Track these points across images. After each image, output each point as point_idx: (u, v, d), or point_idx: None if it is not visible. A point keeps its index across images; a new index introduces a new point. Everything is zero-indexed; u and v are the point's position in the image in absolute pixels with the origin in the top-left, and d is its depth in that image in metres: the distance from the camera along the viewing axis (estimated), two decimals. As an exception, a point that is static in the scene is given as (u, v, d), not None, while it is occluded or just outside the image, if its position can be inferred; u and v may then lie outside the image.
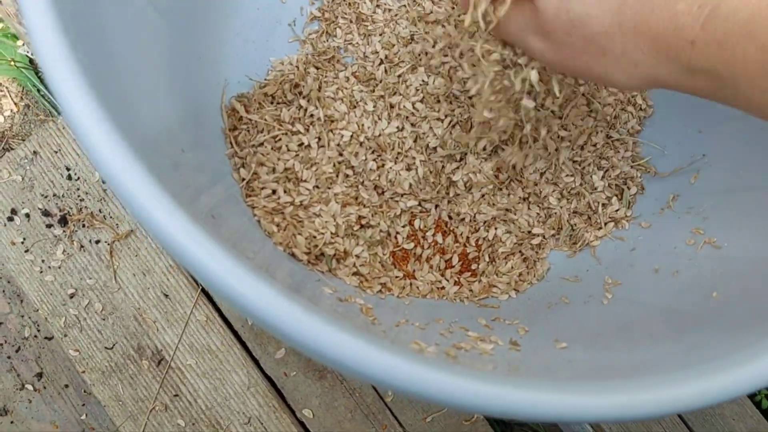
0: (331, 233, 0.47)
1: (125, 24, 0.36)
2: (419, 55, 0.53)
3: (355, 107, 0.52)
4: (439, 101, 0.52)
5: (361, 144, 0.50)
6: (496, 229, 0.51)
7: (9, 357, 0.61)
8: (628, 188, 0.53)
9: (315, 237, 0.46)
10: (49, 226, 0.61)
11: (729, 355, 0.28)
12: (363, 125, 0.51)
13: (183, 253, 0.22)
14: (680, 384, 0.26)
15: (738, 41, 0.26)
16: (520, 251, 0.51)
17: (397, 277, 0.49)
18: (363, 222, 0.49)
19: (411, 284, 0.49)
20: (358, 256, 0.48)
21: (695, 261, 0.43)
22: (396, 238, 0.51)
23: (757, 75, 0.26)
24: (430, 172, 0.51)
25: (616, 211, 0.52)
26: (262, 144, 0.49)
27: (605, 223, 0.52)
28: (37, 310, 0.61)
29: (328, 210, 0.48)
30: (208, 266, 0.23)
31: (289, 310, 0.21)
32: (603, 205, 0.52)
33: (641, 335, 0.39)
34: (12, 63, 0.63)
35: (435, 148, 0.51)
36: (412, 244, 0.51)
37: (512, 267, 0.51)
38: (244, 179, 0.46)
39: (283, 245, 0.44)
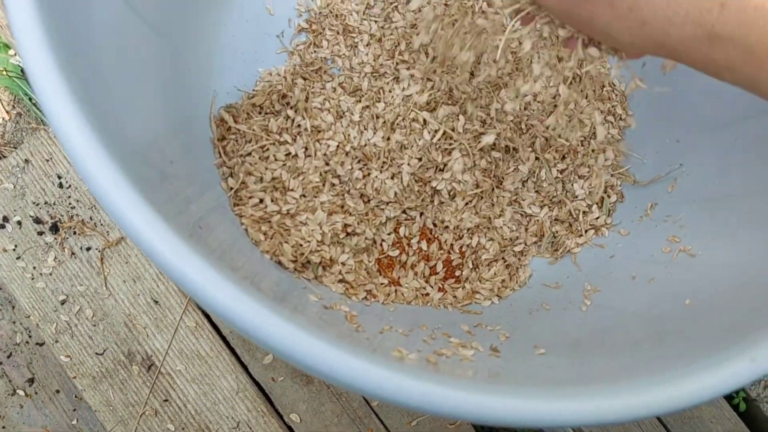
0: (318, 241, 0.48)
1: (115, 38, 0.36)
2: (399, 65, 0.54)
3: (341, 117, 0.53)
4: (424, 110, 0.53)
5: (347, 153, 0.51)
6: (479, 236, 0.52)
7: (0, 363, 0.62)
8: (609, 196, 0.54)
9: (301, 245, 0.47)
10: (40, 233, 0.61)
11: (701, 360, 0.29)
12: (349, 135, 0.52)
13: (168, 267, 0.23)
14: (656, 388, 0.27)
15: None
16: (502, 258, 0.53)
17: (382, 284, 0.50)
18: (349, 230, 0.50)
19: (396, 291, 0.50)
20: (343, 264, 0.49)
21: (670, 268, 0.45)
22: (381, 245, 0.52)
23: None
24: (415, 181, 0.52)
25: (597, 218, 0.53)
26: (250, 154, 0.50)
27: (586, 231, 0.53)
28: (29, 317, 0.61)
29: (314, 218, 0.49)
30: (192, 280, 0.24)
31: (270, 322, 0.22)
32: (584, 213, 0.53)
33: (618, 341, 0.40)
34: (4, 72, 0.64)
35: (420, 158, 0.52)
36: (397, 252, 0.52)
37: (495, 273, 0.52)
38: (232, 188, 0.47)
39: (270, 253, 0.45)
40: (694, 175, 0.50)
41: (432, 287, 0.51)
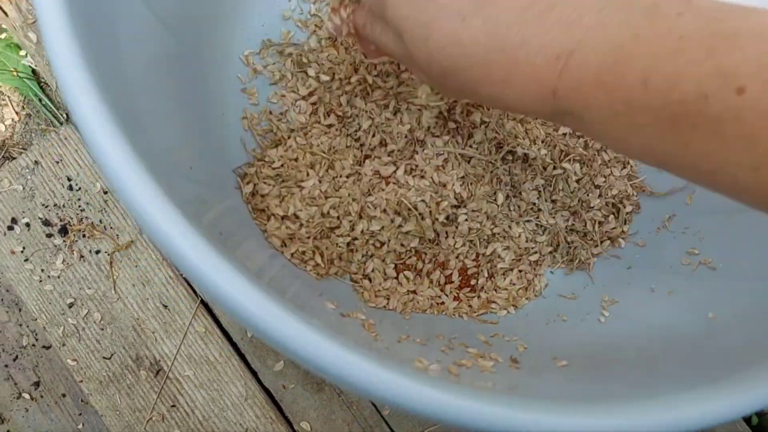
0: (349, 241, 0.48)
1: (140, 44, 0.36)
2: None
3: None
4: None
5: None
6: (494, 244, 0.52)
7: (6, 365, 0.61)
8: (624, 207, 0.53)
9: (340, 250, 0.47)
10: (49, 235, 0.61)
11: (726, 378, 0.29)
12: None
13: (201, 278, 0.23)
14: (677, 407, 0.26)
15: (590, 87, 0.28)
16: (518, 267, 0.52)
17: (400, 291, 0.50)
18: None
19: (413, 299, 0.50)
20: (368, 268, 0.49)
21: (691, 281, 0.44)
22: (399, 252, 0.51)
23: (608, 116, 0.28)
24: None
25: (613, 228, 0.53)
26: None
27: (601, 241, 0.53)
28: (36, 319, 0.61)
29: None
30: (222, 287, 0.24)
31: (311, 337, 0.21)
32: (599, 223, 0.53)
33: (638, 355, 0.39)
34: (15, 73, 0.63)
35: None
36: (414, 259, 0.51)
37: (510, 283, 0.52)
38: (250, 193, 0.47)
39: (298, 260, 0.45)
40: (712, 187, 0.49)
41: (447, 296, 0.51)
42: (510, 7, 0.30)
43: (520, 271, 0.52)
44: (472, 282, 0.52)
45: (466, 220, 0.51)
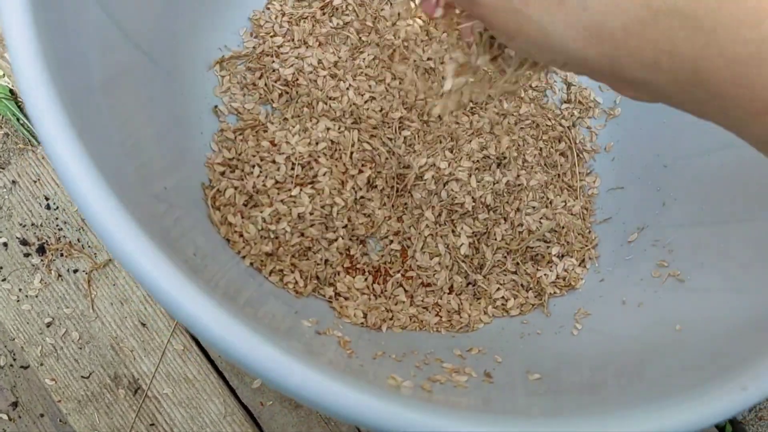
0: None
1: (106, 59, 0.36)
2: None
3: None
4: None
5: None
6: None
7: (-17, 387, 0.61)
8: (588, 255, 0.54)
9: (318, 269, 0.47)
10: (26, 255, 0.61)
11: (693, 388, 0.29)
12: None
13: (166, 300, 0.23)
14: (644, 419, 0.27)
15: None
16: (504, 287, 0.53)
17: (378, 308, 0.50)
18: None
19: (392, 317, 0.50)
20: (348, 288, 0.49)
21: (660, 293, 0.45)
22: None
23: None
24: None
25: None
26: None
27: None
28: (14, 339, 0.60)
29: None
30: (187, 310, 0.24)
31: (279, 361, 0.22)
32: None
33: (609, 368, 0.40)
34: (-9, 92, 0.63)
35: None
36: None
37: (502, 298, 0.52)
38: (222, 227, 0.47)
39: (273, 276, 0.46)
40: (681, 201, 0.51)
41: (429, 312, 0.51)
42: None
43: (506, 290, 0.52)
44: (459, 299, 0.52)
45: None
